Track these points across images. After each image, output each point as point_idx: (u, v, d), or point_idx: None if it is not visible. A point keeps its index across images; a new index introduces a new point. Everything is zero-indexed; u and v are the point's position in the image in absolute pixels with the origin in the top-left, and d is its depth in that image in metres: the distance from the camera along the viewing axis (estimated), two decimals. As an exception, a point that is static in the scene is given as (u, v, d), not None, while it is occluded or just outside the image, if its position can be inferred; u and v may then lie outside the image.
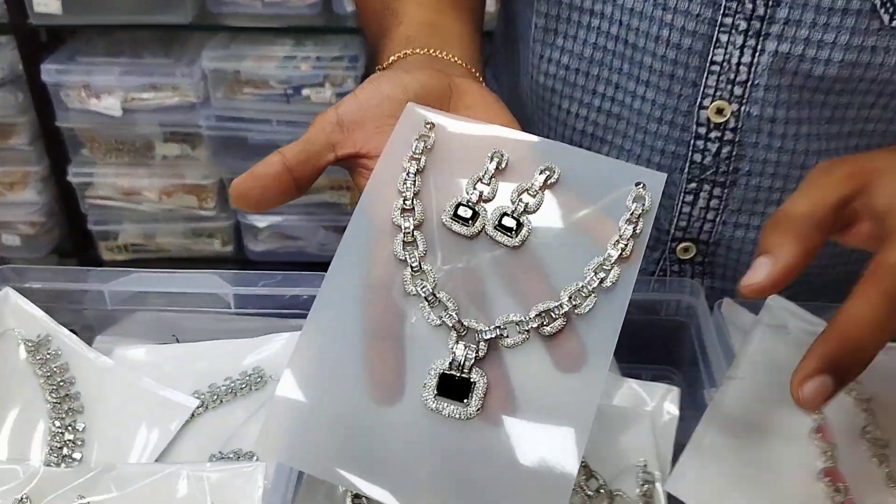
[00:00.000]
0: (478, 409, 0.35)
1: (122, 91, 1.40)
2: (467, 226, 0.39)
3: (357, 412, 0.35)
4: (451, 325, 0.36)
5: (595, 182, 0.40)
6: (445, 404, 0.35)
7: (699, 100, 0.52)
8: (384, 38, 0.52)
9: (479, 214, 0.39)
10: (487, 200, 0.40)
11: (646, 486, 0.47)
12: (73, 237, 1.61)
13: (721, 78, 0.52)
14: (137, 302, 0.58)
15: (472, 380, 0.36)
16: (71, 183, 1.50)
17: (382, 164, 0.40)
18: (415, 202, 0.39)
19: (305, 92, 1.40)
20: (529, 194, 0.40)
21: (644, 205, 0.39)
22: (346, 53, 1.40)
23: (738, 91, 0.51)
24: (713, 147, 0.54)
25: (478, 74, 0.49)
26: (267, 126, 1.41)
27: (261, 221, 1.50)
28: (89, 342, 0.55)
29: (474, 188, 0.40)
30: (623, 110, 0.55)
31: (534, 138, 0.42)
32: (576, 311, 0.36)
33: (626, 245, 0.38)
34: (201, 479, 0.44)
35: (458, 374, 0.36)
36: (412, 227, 0.38)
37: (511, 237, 0.39)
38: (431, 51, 0.48)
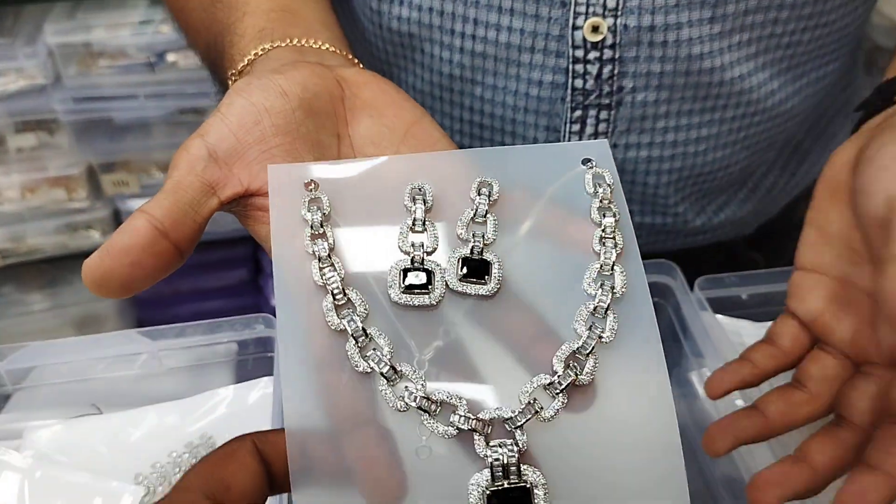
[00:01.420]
0: None
1: (-44, 81, 1.22)
2: (427, 292, 0.31)
3: None
4: (469, 428, 0.29)
5: (536, 179, 0.34)
6: None
7: (571, 20, 0.48)
8: (226, 37, 0.43)
9: (433, 273, 0.32)
10: (431, 252, 0.32)
11: None
12: (-71, 250, 1.43)
13: None
14: (41, 375, 0.49)
15: (528, 484, 0.28)
16: (-86, 191, 1.32)
17: (277, 240, 0.32)
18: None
19: (171, 58, 1.27)
20: (476, 222, 0.33)
21: (609, 183, 0.33)
22: (209, 10, 1.27)
23: (610, 3, 0.47)
24: (593, 69, 0.49)
25: (356, 60, 0.41)
26: (133, 102, 1.27)
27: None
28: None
29: (409, 244, 0.32)
30: (488, 47, 0.50)
31: (447, 153, 0.35)
32: (602, 339, 0.30)
33: (614, 237, 0.32)
34: None
35: (507, 483, 0.28)
36: (340, 285, 0.30)
37: (485, 283, 0.31)
38: (296, 41, 0.40)
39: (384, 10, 0.52)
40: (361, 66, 0.41)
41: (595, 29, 0.47)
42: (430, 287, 0.31)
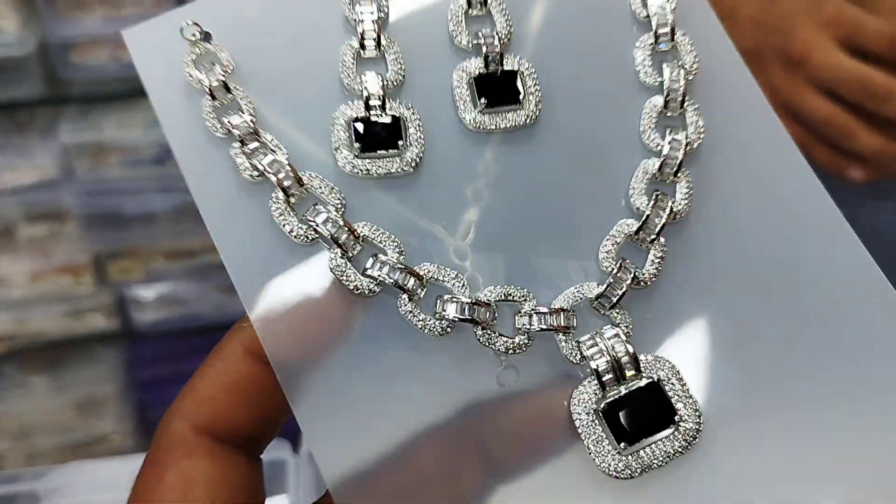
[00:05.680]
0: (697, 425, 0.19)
1: (-28, 175, 1.29)
2: (398, 151, 0.20)
3: None
4: (545, 326, 0.19)
5: None
6: (647, 451, 0.20)
7: None
8: None
9: (403, 118, 0.21)
10: (397, 85, 0.21)
11: None
12: (-65, 332, 1.46)
13: None
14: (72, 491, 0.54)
15: (655, 378, 0.19)
16: (-75, 277, 1.37)
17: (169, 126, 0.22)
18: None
19: (178, 153, 1.33)
20: (474, 17, 0.21)
21: None
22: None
23: None
24: None
25: None
26: (142, 196, 1.33)
27: (147, 292, 1.42)
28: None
29: (359, 80, 0.21)
30: None
31: None
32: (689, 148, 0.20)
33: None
34: None
35: (624, 388, 0.19)
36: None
37: (518, 107, 0.20)
38: None
39: None
40: None
41: None
42: (400, 142, 0.20)
